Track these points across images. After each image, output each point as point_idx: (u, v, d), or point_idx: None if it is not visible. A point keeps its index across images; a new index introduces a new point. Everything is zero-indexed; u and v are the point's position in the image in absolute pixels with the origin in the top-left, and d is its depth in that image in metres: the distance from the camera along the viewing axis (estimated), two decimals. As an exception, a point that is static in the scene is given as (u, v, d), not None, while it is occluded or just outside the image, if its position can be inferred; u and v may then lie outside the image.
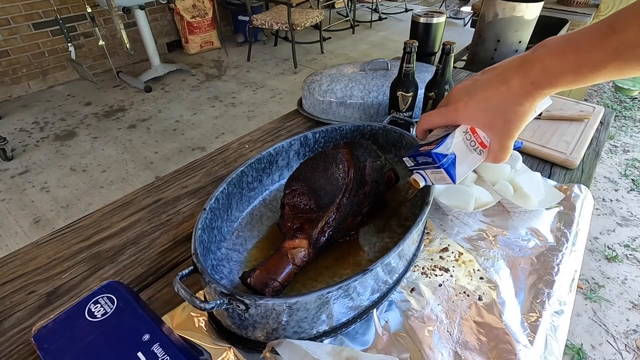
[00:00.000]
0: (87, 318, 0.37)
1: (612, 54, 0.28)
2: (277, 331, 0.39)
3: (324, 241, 0.47)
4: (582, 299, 1.40)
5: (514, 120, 0.34)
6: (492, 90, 0.34)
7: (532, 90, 0.32)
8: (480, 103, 0.35)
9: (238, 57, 3.55)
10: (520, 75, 0.33)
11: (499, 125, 0.35)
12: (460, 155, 0.38)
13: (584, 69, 0.30)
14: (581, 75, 0.30)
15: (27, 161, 2.17)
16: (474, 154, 0.38)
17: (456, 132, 0.38)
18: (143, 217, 0.61)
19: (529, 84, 0.32)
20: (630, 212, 1.79)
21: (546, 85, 0.32)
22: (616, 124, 2.47)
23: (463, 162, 0.38)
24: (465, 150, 0.38)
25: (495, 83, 0.34)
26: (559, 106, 0.86)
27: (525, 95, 0.33)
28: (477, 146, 0.38)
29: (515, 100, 0.33)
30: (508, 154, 0.37)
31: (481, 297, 0.47)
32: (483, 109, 0.35)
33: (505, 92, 0.34)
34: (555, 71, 0.31)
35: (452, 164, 0.38)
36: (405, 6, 4.82)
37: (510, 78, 0.33)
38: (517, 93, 0.33)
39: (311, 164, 0.53)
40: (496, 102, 0.34)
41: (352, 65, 0.88)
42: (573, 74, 0.30)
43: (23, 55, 2.86)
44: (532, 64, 0.32)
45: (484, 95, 0.35)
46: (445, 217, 0.59)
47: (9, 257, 0.54)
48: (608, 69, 0.29)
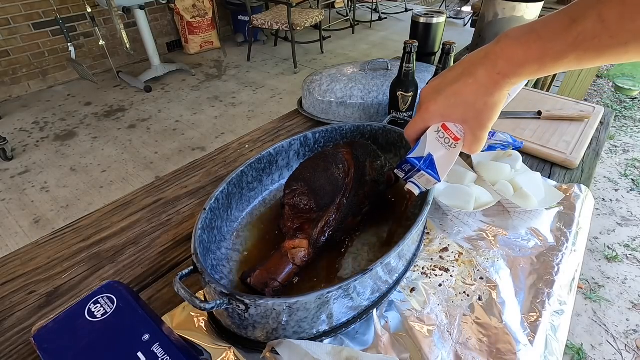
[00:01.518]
0: (87, 318, 0.37)
1: (573, 44, 0.28)
2: (277, 331, 0.39)
3: (324, 241, 0.47)
4: (582, 299, 1.40)
5: (485, 110, 0.35)
6: (459, 84, 0.35)
7: (500, 80, 0.33)
8: (449, 98, 0.36)
9: (238, 57, 3.55)
10: (486, 67, 0.33)
11: (471, 117, 0.36)
12: (437, 153, 0.39)
13: (546, 59, 0.30)
14: (544, 65, 0.30)
15: (27, 161, 2.17)
16: (449, 150, 0.39)
17: (427, 133, 0.39)
18: (143, 217, 0.61)
19: (496, 75, 0.33)
20: (630, 212, 1.79)
21: (512, 75, 0.32)
22: (616, 124, 2.47)
23: (442, 160, 0.39)
24: (441, 148, 0.39)
25: (462, 77, 0.35)
26: (559, 106, 0.86)
27: (493, 86, 0.33)
28: (451, 141, 0.38)
29: (484, 92, 0.34)
30: (482, 144, 0.37)
31: (481, 297, 0.47)
32: (453, 103, 0.36)
33: (473, 84, 0.34)
34: (520, 61, 0.31)
35: (431, 164, 0.39)
36: (405, 6, 4.82)
37: (477, 70, 0.34)
38: (485, 84, 0.33)
39: (311, 164, 0.53)
40: (465, 95, 0.35)
41: (352, 65, 0.88)
42: (537, 64, 0.31)
43: (23, 55, 2.86)
44: (496, 54, 0.32)
45: (452, 90, 0.35)
46: (445, 217, 0.59)
47: (9, 257, 0.54)
48: (569, 59, 0.29)
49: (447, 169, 0.39)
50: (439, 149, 0.39)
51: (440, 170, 0.39)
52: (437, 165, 0.39)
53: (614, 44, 0.27)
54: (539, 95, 0.93)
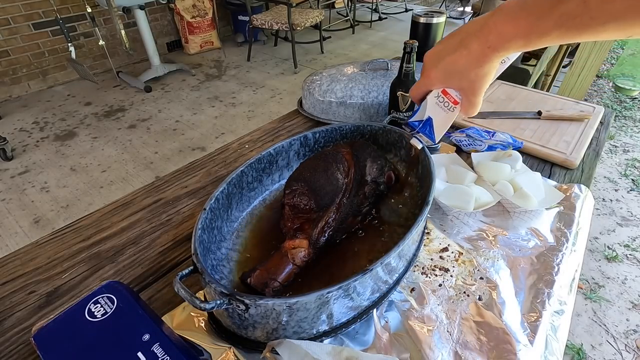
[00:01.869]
0: (87, 318, 0.37)
1: (557, 23, 0.30)
2: (277, 331, 0.39)
3: (324, 241, 0.47)
4: (582, 299, 1.40)
5: (477, 80, 0.39)
6: (456, 55, 0.38)
7: (489, 54, 0.36)
8: (447, 67, 0.39)
9: (238, 57, 3.55)
10: (479, 40, 0.36)
11: (466, 85, 0.40)
12: (436, 116, 0.45)
13: (532, 36, 0.32)
14: (530, 41, 0.33)
15: (27, 161, 2.17)
16: (448, 112, 0.44)
17: (428, 98, 0.45)
18: (143, 217, 0.61)
19: (487, 48, 0.35)
20: (630, 212, 1.79)
21: (500, 49, 0.35)
22: (616, 124, 2.47)
23: (440, 122, 0.45)
24: (440, 111, 0.44)
25: (458, 48, 0.38)
26: (559, 106, 0.86)
27: (483, 58, 0.36)
28: (450, 105, 0.43)
29: (476, 63, 0.37)
30: (477, 108, 0.41)
31: (481, 297, 0.47)
32: (450, 72, 0.40)
33: (467, 55, 0.37)
34: (509, 36, 0.34)
35: (428, 127, 0.46)
36: (405, 6, 4.82)
37: (471, 42, 0.37)
38: (477, 57, 0.37)
39: (311, 164, 0.53)
40: (460, 65, 0.38)
41: (352, 65, 0.88)
42: (523, 40, 0.33)
43: (23, 55, 2.86)
44: (489, 28, 0.35)
45: (450, 59, 0.39)
46: (445, 217, 0.59)
47: (9, 257, 0.54)
48: (552, 36, 0.31)
49: (444, 130, 0.46)
50: (438, 112, 0.45)
51: (437, 132, 0.46)
52: (435, 127, 0.46)
53: (594, 23, 0.28)
54: (539, 95, 0.93)
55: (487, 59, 0.36)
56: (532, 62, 1.73)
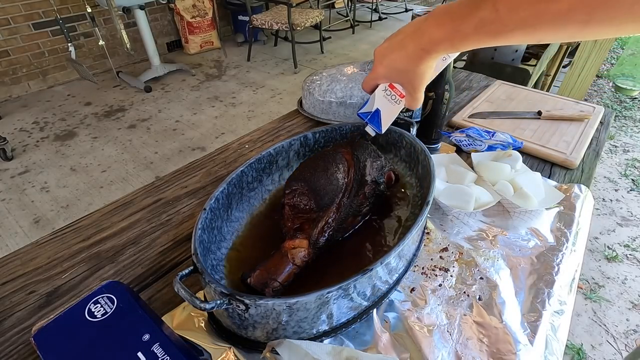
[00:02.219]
0: (87, 318, 0.37)
1: (475, 28, 0.32)
2: (277, 331, 0.39)
3: (324, 241, 0.47)
4: (582, 299, 1.40)
5: (415, 78, 0.41)
6: (396, 54, 0.41)
7: (424, 55, 0.38)
8: (390, 64, 0.42)
9: (238, 57, 3.55)
10: (414, 42, 0.38)
11: (406, 81, 0.43)
12: (384, 108, 0.49)
13: (455, 40, 0.35)
14: (454, 44, 0.35)
15: (27, 161, 2.17)
16: (394, 105, 0.48)
17: (376, 92, 0.48)
18: (143, 217, 0.61)
19: (420, 50, 0.38)
20: (630, 212, 1.79)
21: (432, 51, 0.37)
22: (616, 124, 2.47)
23: (387, 113, 0.49)
24: (387, 103, 0.48)
25: (398, 47, 0.40)
26: (559, 106, 0.86)
27: (419, 60, 0.39)
28: (397, 97, 0.47)
29: (412, 63, 0.40)
30: (419, 102, 0.44)
31: (481, 297, 0.47)
32: (392, 69, 0.43)
33: (405, 56, 0.40)
34: (437, 39, 0.36)
35: (376, 118, 0.49)
36: (405, 6, 4.82)
37: (407, 44, 0.39)
38: (412, 57, 0.39)
39: (311, 164, 0.53)
40: (400, 64, 0.41)
41: (352, 65, 0.88)
42: (449, 42, 0.35)
43: (23, 55, 2.86)
44: (422, 32, 0.37)
45: (392, 57, 0.42)
46: (445, 217, 0.59)
47: (9, 257, 0.54)
48: (471, 40, 0.34)
49: (390, 120, 0.49)
50: (385, 104, 0.48)
51: (384, 122, 0.50)
52: (382, 118, 0.49)
53: (504, 30, 0.31)
54: (539, 95, 0.93)
55: (421, 60, 0.39)
56: (532, 62, 1.72)
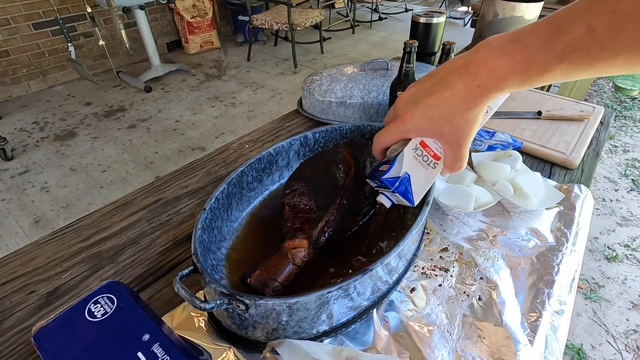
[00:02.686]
0: (87, 318, 0.37)
1: (560, 56, 0.26)
2: (277, 331, 0.39)
3: (324, 241, 0.47)
4: (582, 299, 1.40)
5: (463, 126, 0.32)
6: (436, 96, 0.32)
7: (479, 94, 0.30)
8: (426, 111, 0.33)
9: (238, 57, 3.55)
10: (464, 78, 0.30)
11: (448, 133, 0.33)
12: (414, 173, 0.36)
13: (532, 71, 0.28)
14: (529, 77, 0.28)
15: (27, 161, 2.17)
16: (428, 169, 0.36)
17: (404, 151, 0.36)
18: (143, 217, 0.61)
19: (475, 87, 0.30)
20: (630, 212, 1.79)
21: (493, 88, 0.30)
22: (616, 124, 2.47)
23: (419, 180, 0.36)
24: (419, 167, 0.36)
25: (439, 88, 0.32)
26: (559, 106, 0.86)
27: (472, 100, 0.31)
28: (431, 160, 0.36)
29: (462, 106, 0.31)
30: (464, 162, 0.35)
31: (481, 297, 0.47)
32: (429, 117, 0.33)
33: (450, 97, 0.31)
34: (503, 73, 0.29)
35: (406, 186, 0.36)
36: (405, 6, 4.82)
37: (454, 82, 0.31)
38: (462, 98, 0.31)
39: (311, 164, 0.53)
40: (442, 109, 0.32)
41: (352, 65, 0.88)
42: (521, 76, 0.28)
43: (23, 55, 2.86)
44: (477, 65, 0.30)
45: (429, 102, 0.33)
46: (445, 217, 0.59)
47: (9, 257, 0.54)
48: (555, 72, 0.27)
49: (423, 190, 0.37)
50: (417, 168, 0.36)
51: (416, 193, 0.37)
52: (413, 187, 0.36)
53: (603, 55, 0.25)
54: (539, 95, 0.93)
55: (476, 100, 0.31)
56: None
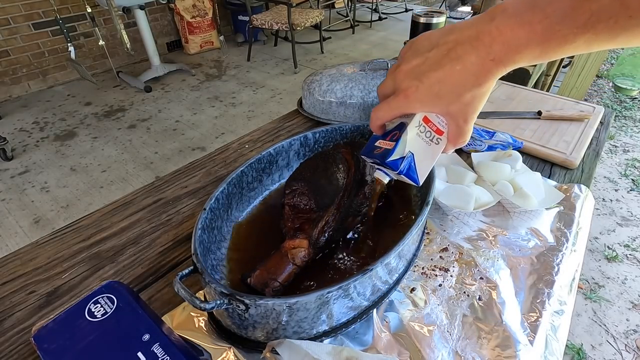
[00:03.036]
0: (87, 318, 0.37)
1: (584, 26, 0.24)
2: (277, 331, 0.39)
3: (323, 241, 0.47)
4: (582, 299, 1.40)
5: (472, 102, 0.31)
6: (444, 70, 0.29)
7: (492, 69, 0.28)
8: (432, 87, 0.30)
9: (238, 57, 3.55)
10: (477, 52, 0.28)
11: (457, 110, 0.31)
12: (418, 152, 0.35)
13: (552, 42, 0.25)
14: (547, 50, 0.26)
15: (27, 161, 2.17)
16: (432, 145, 0.35)
17: (408, 129, 0.34)
18: (143, 217, 0.61)
19: (489, 62, 0.28)
20: (630, 212, 1.79)
21: (508, 62, 0.27)
22: (616, 124, 2.47)
23: (423, 158, 0.35)
24: (423, 145, 0.35)
25: (448, 62, 0.29)
26: (559, 106, 0.86)
27: (484, 75, 0.28)
28: (434, 135, 0.34)
29: (474, 82, 0.29)
30: (468, 137, 0.34)
31: (481, 297, 0.47)
32: (436, 93, 0.31)
33: (461, 72, 0.29)
34: (520, 45, 0.26)
35: (411, 166, 0.35)
36: (405, 6, 4.82)
37: (466, 55, 0.28)
38: (474, 73, 0.29)
39: (311, 164, 0.53)
40: (451, 84, 0.30)
41: (352, 65, 0.88)
42: (540, 48, 0.26)
43: (23, 55, 2.86)
44: (492, 36, 0.27)
45: (436, 76, 0.30)
46: (445, 217, 0.59)
47: (9, 257, 0.54)
48: (577, 43, 0.25)
49: (428, 168, 0.36)
50: (421, 147, 0.35)
51: (421, 171, 0.35)
52: (417, 165, 0.35)
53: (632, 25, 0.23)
54: (539, 95, 0.92)
55: (489, 74, 0.28)
56: (532, 62, 1.72)
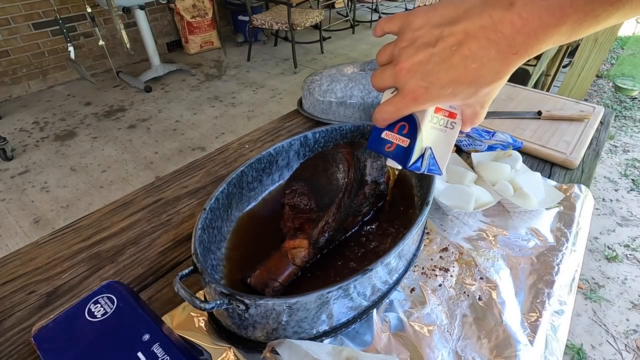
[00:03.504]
0: (87, 318, 0.37)
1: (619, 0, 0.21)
2: (277, 331, 0.39)
3: (323, 241, 0.47)
4: (582, 299, 1.40)
5: (490, 92, 0.28)
6: (458, 70, 0.26)
7: (515, 60, 0.25)
8: (444, 88, 0.27)
9: (238, 57, 3.55)
10: (497, 46, 0.24)
11: (473, 101, 0.29)
12: (435, 143, 0.34)
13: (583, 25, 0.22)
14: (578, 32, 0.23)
15: (27, 161, 2.17)
16: (447, 132, 0.34)
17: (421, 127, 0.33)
18: (143, 217, 0.61)
19: (512, 55, 0.25)
20: (630, 212, 1.79)
21: (534, 51, 0.24)
22: (616, 124, 2.47)
23: (441, 147, 0.34)
24: (439, 134, 0.34)
25: (461, 59, 0.26)
26: (559, 106, 0.86)
27: (505, 69, 0.26)
28: (447, 120, 0.33)
29: (493, 77, 0.26)
30: (483, 117, 0.32)
31: (481, 297, 0.47)
32: (450, 93, 0.27)
33: (477, 69, 0.26)
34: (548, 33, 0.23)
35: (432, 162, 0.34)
36: (405, 6, 4.82)
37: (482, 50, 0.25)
38: (494, 69, 0.25)
39: (311, 164, 0.53)
40: (467, 83, 0.27)
41: (352, 65, 0.88)
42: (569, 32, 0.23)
43: (23, 55, 2.86)
44: (514, 27, 0.23)
45: (448, 77, 0.27)
46: (445, 217, 0.59)
47: (9, 257, 0.54)
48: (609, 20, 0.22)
49: (448, 154, 0.35)
50: (437, 137, 0.34)
51: (441, 161, 0.35)
52: (437, 157, 0.34)
53: None
54: (539, 95, 0.92)
55: (511, 67, 0.26)
56: (532, 62, 1.73)
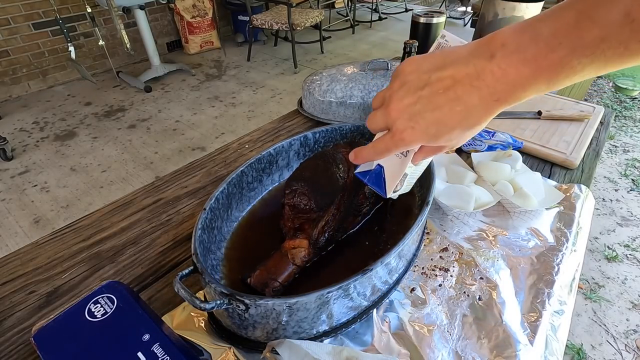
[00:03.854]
0: (87, 318, 0.37)
1: (592, 55, 0.22)
2: (277, 331, 0.39)
3: (323, 241, 0.47)
4: (582, 299, 1.40)
5: (468, 136, 0.30)
6: (443, 112, 0.27)
7: (495, 107, 0.27)
8: (429, 128, 0.28)
9: (238, 57, 3.55)
10: (479, 92, 0.26)
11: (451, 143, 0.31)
12: (387, 164, 0.36)
13: (560, 76, 0.24)
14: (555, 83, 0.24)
15: (27, 161, 2.17)
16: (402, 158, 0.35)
17: None
18: (143, 217, 0.61)
19: (493, 102, 0.26)
20: (630, 212, 1.79)
21: (513, 100, 0.26)
22: (616, 124, 2.47)
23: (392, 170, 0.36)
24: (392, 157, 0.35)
25: (446, 102, 0.27)
26: (559, 106, 0.86)
27: (486, 114, 0.27)
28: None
29: (475, 121, 0.28)
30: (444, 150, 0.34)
31: (481, 297, 0.47)
32: (433, 134, 0.29)
33: (461, 113, 0.27)
34: (526, 83, 0.25)
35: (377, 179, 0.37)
36: (405, 6, 4.82)
37: (466, 95, 0.26)
38: (477, 115, 0.27)
39: (311, 164, 0.53)
40: (451, 126, 0.28)
41: (352, 65, 0.88)
42: (547, 83, 0.24)
43: (23, 55, 2.86)
44: (494, 77, 0.25)
45: (434, 118, 0.28)
46: (445, 217, 0.59)
47: (9, 257, 0.54)
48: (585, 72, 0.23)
49: (396, 179, 0.36)
50: (389, 159, 0.36)
51: (389, 183, 0.36)
52: (387, 177, 0.36)
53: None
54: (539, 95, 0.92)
55: (492, 113, 0.27)
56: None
